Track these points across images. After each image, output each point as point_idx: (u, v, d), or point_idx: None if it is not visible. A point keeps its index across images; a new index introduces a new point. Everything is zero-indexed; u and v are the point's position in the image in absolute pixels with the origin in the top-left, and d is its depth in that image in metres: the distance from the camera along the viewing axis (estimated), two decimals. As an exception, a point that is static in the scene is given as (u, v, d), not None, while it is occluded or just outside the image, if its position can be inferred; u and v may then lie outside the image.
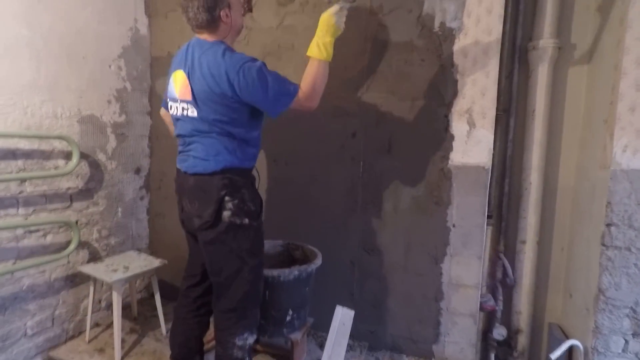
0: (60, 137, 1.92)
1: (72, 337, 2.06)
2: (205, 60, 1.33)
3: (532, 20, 1.85)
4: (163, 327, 2.05)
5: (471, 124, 1.73)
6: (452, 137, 1.78)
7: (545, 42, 1.76)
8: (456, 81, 1.74)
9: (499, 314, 1.91)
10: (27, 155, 1.82)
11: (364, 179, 1.98)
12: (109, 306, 2.23)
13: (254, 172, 1.53)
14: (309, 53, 1.42)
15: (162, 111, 1.72)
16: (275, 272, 1.66)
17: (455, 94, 1.75)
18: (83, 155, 2.05)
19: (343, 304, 1.79)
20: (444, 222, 1.84)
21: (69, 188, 2.02)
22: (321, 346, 2.00)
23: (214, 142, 1.38)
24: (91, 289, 2.00)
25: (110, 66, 2.20)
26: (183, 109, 1.41)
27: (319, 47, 1.40)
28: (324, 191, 2.05)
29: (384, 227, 1.96)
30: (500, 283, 1.91)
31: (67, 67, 1.96)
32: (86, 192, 2.12)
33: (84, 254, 2.12)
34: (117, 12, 2.22)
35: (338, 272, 2.05)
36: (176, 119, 1.48)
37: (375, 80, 1.91)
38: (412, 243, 1.91)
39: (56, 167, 1.94)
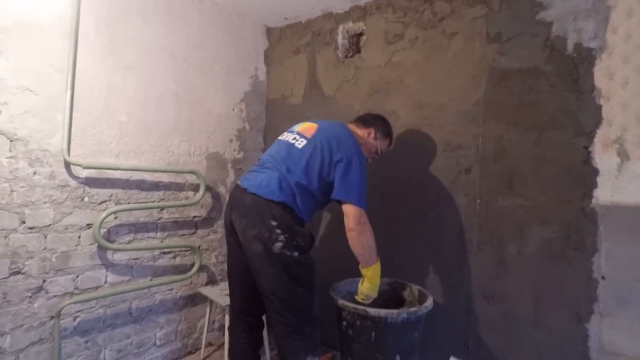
0: (191, 172, 2.20)
1: (190, 353, 2.24)
2: (338, 130, 1.59)
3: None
4: (267, 354, 2.08)
5: (623, 156, 1.45)
6: (595, 172, 1.51)
7: None
8: (599, 107, 1.50)
9: (677, 401, 1.47)
10: (166, 187, 2.13)
11: (480, 218, 1.79)
12: (221, 327, 2.38)
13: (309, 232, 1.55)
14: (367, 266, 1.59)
15: None
16: (382, 313, 1.56)
17: (598, 121, 1.51)
18: (207, 188, 2.31)
19: (457, 357, 1.58)
20: (589, 272, 1.53)
21: (195, 216, 2.28)
22: (431, 404, 1.79)
23: (289, 182, 1.48)
24: (207, 309, 2.17)
25: (233, 109, 2.50)
26: (295, 139, 1.59)
27: (368, 280, 1.61)
28: (433, 230, 1.92)
29: (505, 272, 1.72)
30: (677, 359, 1.48)
31: (200, 113, 2.29)
32: (208, 221, 2.36)
33: (203, 276, 2.34)
34: (242, 64, 2.54)
35: (450, 320, 1.85)
36: (278, 143, 1.65)
37: (493, 111, 1.77)
38: (544, 294, 1.63)
39: (187, 198, 2.22)
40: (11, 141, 1.55)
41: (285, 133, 1.69)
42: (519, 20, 1.69)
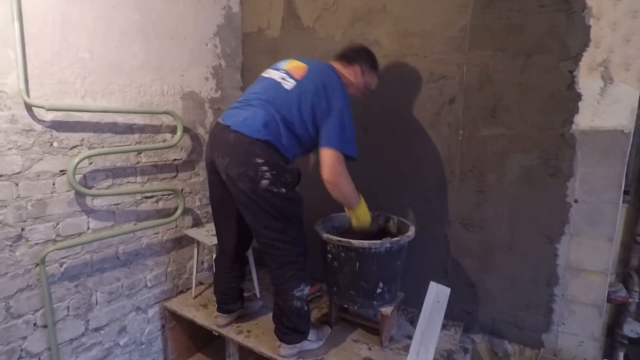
0: (167, 113, 2.09)
1: (181, 292, 2.31)
2: (328, 75, 1.53)
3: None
4: (257, 291, 2.17)
5: (607, 79, 1.43)
6: (578, 97, 1.50)
7: None
8: (588, 27, 1.45)
9: (632, 308, 1.62)
10: (141, 129, 2.03)
11: (463, 148, 1.80)
12: (210, 267, 2.44)
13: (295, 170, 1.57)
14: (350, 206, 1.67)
15: None
16: (366, 244, 1.61)
17: (585, 43, 1.46)
18: (185, 129, 2.22)
19: (436, 281, 1.68)
20: (563, 196, 1.59)
21: (175, 159, 2.22)
22: (412, 322, 1.93)
23: (273, 119, 1.45)
24: (195, 250, 2.20)
25: (207, 45, 2.32)
26: (283, 78, 1.51)
27: (355, 219, 1.70)
28: (417, 161, 1.93)
29: (485, 200, 1.77)
30: (636, 272, 1.61)
31: (171, 48, 2.11)
32: (189, 164, 2.31)
33: (188, 219, 2.34)
34: (213, -8, 2.31)
35: (431, 247, 1.94)
36: (264, 80, 1.57)
37: (480, 36, 1.69)
38: (520, 219, 1.70)
39: (164, 140, 2.13)
40: (-42, 81, 1.41)
41: (270, 70, 1.59)
42: None
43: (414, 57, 1.86)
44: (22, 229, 1.61)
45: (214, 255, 2.04)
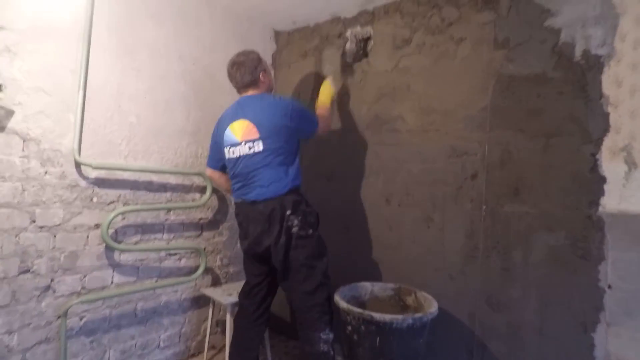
0: (198, 174, 2.22)
1: (193, 356, 2.24)
2: (264, 104, 1.72)
3: None
4: (269, 358, 2.08)
5: (631, 164, 1.44)
6: (602, 180, 1.51)
7: None
8: (607, 114, 1.50)
9: (685, 414, 1.44)
10: (174, 188, 2.15)
11: (486, 224, 1.79)
12: (224, 331, 2.37)
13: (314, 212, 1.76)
14: (324, 103, 2.00)
15: (209, 171, 1.99)
16: (387, 318, 1.56)
17: (606, 128, 1.50)
18: (214, 190, 2.32)
19: (462, 365, 1.58)
20: (595, 280, 1.51)
21: (200, 219, 2.30)
22: (434, 411, 1.78)
23: (276, 169, 1.66)
24: (210, 310, 2.17)
25: (241, 112, 2.52)
26: (249, 147, 1.69)
27: (327, 99, 2.00)
28: (439, 235, 1.92)
29: (511, 279, 1.71)
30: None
31: (208, 115, 2.30)
32: (214, 223, 2.37)
33: (207, 278, 2.34)
34: (250, 66, 2.56)
35: (455, 326, 1.84)
36: (238, 160, 1.72)
37: (500, 117, 1.77)
38: (549, 302, 1.61)
39: (193, 200, 2.23)
40: (24, 141, 1.58)
41: (229, 148, 1.75)
42: (528, 26, 1.70)
43: (436, 132, 1.95)
44: (52, 280, 1.67)
45: (228, 316, 2.01)
